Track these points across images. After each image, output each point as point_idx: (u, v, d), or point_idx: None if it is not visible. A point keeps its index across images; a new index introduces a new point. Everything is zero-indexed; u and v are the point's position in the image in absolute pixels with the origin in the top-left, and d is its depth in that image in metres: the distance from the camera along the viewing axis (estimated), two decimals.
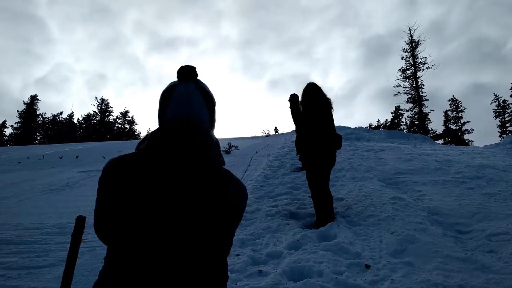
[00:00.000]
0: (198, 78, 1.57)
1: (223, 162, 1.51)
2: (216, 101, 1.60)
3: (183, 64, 1.56)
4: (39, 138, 64.40)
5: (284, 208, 6.28)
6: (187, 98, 1.50)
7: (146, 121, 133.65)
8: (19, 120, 63.20)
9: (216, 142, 1.50)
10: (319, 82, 6.87)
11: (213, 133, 1.56)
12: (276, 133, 27.60)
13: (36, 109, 64.68)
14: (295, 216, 6.07)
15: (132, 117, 70.84)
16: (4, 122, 64.20)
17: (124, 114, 70.26)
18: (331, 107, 5.74)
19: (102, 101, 68.38)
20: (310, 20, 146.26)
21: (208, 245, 1.38)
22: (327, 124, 5.64)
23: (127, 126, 70.28)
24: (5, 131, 63.91)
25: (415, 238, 4.76)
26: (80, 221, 2.35)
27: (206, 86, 1.58)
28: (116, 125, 69.35)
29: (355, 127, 20.08)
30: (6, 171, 13.56)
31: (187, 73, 1.54)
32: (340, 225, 5.31)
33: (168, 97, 1.52)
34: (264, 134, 28.66)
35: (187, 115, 1.48)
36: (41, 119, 65.41)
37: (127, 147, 21.50)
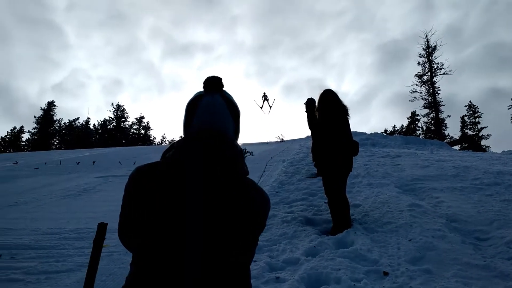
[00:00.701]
0: (223, 88, 1.59)
1: (247, 171, 1.52)
2: (240, 112, 1.61)
3: (210, 75, 1.58)
4: (55, 143, 65.17)
5: (300, 214, 6.26)
6: (213, 109, 1.52)
7: (161, 127, 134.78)
8: (36, 125, 64.11)
9: (240, 151, 1.52)
10: (334, 87, 6.85)
11: (237, 143, 1.57)
12: (282, 141, 27.77)
13: (53, 114, 65.54)
14: (311, 222, 6.05)
15: (147, 123, 71.40)
16: (22, 127, 65.12)
17: (140, 119, 70.84)
18: (347, 114, 5.72)
19: (118, 106, 69.05)
20: (325, 25, 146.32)
21: (232, 254, 1.39)
22: (343, 131, 5.62)
23: (142, 131, 70.80)
24: (22, 137, 64.82)
25: (433, 245, 4.70)
26: (102, 227, 2.36)
27: (232, 97, 1.60)
28: (132, 131, 69.89)
29: (371, 133, 20.00)
30: (25, 176, 13.75)
31: (213, 84, 1.56)
32: (357, 232, 5.27)
33: (194, 107, 1.54)
34: (279, 140, 28.67)
35: (212, 125, 1.50)
36: (58, 124, 66.25)
37: (143, 152, 21.68)
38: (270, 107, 28.82)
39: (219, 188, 1.39)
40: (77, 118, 67.43)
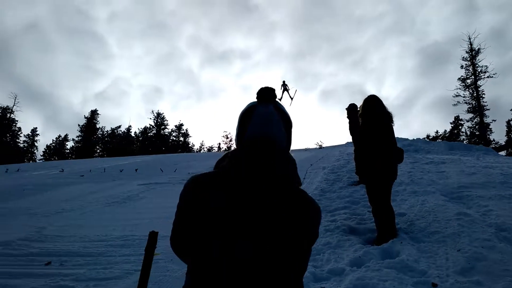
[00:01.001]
0: (276, 99, 1.60)
1: (299, 181, 1.51)
2: (292, 123, 1.62)
3: (263, 86, 1.60)
4: (98, 151, 66.94)
5: (343, 223, 6.18)
6: (267, 119, 1.53)
7: (200, 134, 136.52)
8: (80, 133, 66.16)
9: (293, 161, 1.52)
10: (373, 92, 6.74)
11: (290, 153, 1.57)
12: (321, 147, 26.75)
13: (96, 123, 67.52)
14: (355, 231, 5.96)
15: (186, 130, 72.45)
16: (66, 135, 67.29)
17: (179, 127, 71.95)
18: (391, 121, 5.62)
19: (158, 114, 70.41)
20: (364, 29, 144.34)
21: (287, 265, 1.39)
22: (388, 138, 5.52)
23: (182, 138, 71.84)
24: (67, 145, 67.00)
25: (483, 256, 4.54)
26: (153, 235, 2.42)
27: (284, 108, 1.61)
28: (171, 138, 71.01)
29: (413, 139, 19.54)
30: (71, 184, 14.18)
31: (267, 94, 1.58)
32: (404, 242, 5.15)
33: (248, 117, 1.56)
34: (318, 146, 28.36)
35: (266, 135, 1.51)
36: (101, 132, 68.13)
37: (183, 160, 21.99)
38: (292, 98, 26.58)
39: (274, 198, 1.40)
40: (119, 126, 69.31)
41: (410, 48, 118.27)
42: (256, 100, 1.60)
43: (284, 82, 25.99)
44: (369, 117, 5.62)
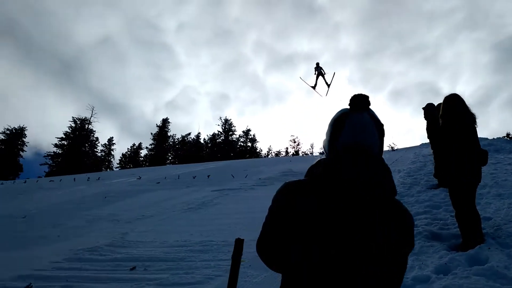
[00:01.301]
0: (369, 107, 1.57)
1: (395, 190, 1.48)
2: (385, 131, 1.58)
3: (357, 93, 1.57)
4: (170, 158, 69.20)
5: (424, 229, 5.94)
6: (363, 127, 1.51)
7: (267, 138, 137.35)
8: (152, 141, 68.75)
9: (389, 170, 1.48)
10: (447, 89, 6.40)
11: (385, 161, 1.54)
12: (393, 150, 24.81)
13: (167, 131, 69.92)
14: (438, 237, 5.71)
15: (254, 135, 73.26)
16: (140, 144, 70.23)
17: (246, 132, 72.87)
18: (474, 122, 5.35)
19: (226, 120, 71.72)
20: (435, 25, 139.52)
21: (386, 276, 1.35)
22: (471, 139, 5.26)
23: (249, 144, 72.66)
24: (141, 153, 69.86)
25: None
26: (239, 243, 2.42)
27: (377, 116, 1.58)
28: (239, 144, 72.02)
29: (493, 138, 18.53)
30: (148, 190, 14.75)
31: (362, 102, 1.55)
32: (491, 248, 4.88)
33: (341, 124, 1.54)
34: (390, 149, 27.43)
35: (361, 142, 1.49)
36: (172, 140, 70.44)
37: (253, 165, 22.21)
38: (329, 85, 20.51)
39: (370, 207, 1.36)
40: (189, 133, 71.44)
41: (484, 42, 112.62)
42: (348, 107, 1.58)
43: (318, 64, 20.35)
44: (450, 117, 5.38)
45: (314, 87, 19.93)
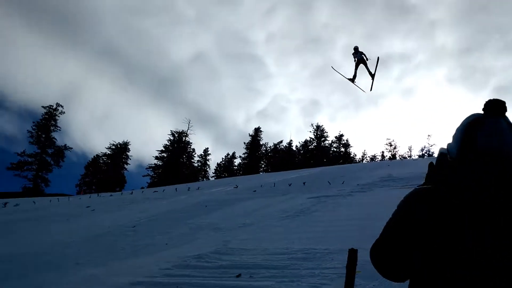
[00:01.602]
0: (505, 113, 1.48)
1: None
2: None
3: (492, 98, 1.49)
4: (263, 166, 70.24)
5: None
6: (499, 133, 1.42)
7: (361, 143, 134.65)
8: (245, 150, 70.30)
9: None
10: None
11: None
12: None
13: (260, 139, 71.12)
14: None
15: (347, 140, 72.19)
16: (234, 153, 72.19)
17: (339, 137, 72.01)
18: None
19: (318, 127, 71.42)
20: None
21: None
22: None
23: (342, 149, 71.65)
24: (235, 162, 71.72)
25: None
26: (353, 253, 2.38)
27: None
28: (332, 149, 71.30)
29: None
30: (245, 199, 15.07)
31: (498, 107, 1.46)
32: None
33: (474, 130, 1.46)
34: None
35: (499, 149, 1.40)
36: (264, 148, 71.52)
37: (350, 170, 21.88)
38: (373, 76, 15.16)
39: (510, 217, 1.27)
40: (281, 141, 72.25)
41: None
42: (482, 112, 1.50)
43: (356, 49, 15.30)
44: None
45: (353, 80, 15.24)
